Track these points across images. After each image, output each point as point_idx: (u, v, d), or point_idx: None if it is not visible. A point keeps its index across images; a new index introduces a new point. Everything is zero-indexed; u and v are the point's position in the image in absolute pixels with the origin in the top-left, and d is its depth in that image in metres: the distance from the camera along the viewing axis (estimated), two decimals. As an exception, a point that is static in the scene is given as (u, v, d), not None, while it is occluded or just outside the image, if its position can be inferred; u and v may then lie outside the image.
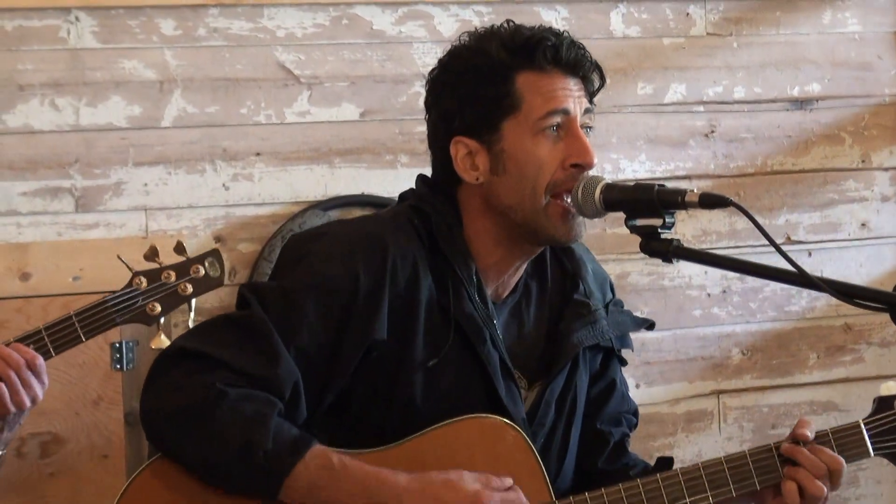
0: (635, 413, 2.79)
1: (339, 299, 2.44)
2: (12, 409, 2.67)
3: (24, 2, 3.53)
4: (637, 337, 2.82)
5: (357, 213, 3.69)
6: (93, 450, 3.51)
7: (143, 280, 2.72)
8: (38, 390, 2.69)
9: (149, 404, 2.45)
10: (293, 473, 2.37)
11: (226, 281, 3.57)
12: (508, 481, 2.42)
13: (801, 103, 4.19)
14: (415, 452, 2.46)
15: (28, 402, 2.68)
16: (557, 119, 2.51)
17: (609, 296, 2.72)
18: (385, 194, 3.76)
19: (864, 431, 2.52)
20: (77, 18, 3.58)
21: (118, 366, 3.52)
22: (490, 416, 2.48)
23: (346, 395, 2.49)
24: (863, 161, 4.23)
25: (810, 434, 2.50)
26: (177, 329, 3.32)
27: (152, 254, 2.73)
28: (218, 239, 3.16)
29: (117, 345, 3.50)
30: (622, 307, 2.74)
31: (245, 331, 2.44)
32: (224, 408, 2.37)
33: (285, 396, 2.42)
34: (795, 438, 2.50)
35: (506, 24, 2.59)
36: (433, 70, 2.62)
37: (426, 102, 2.63)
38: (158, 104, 3.64)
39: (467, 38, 2.59)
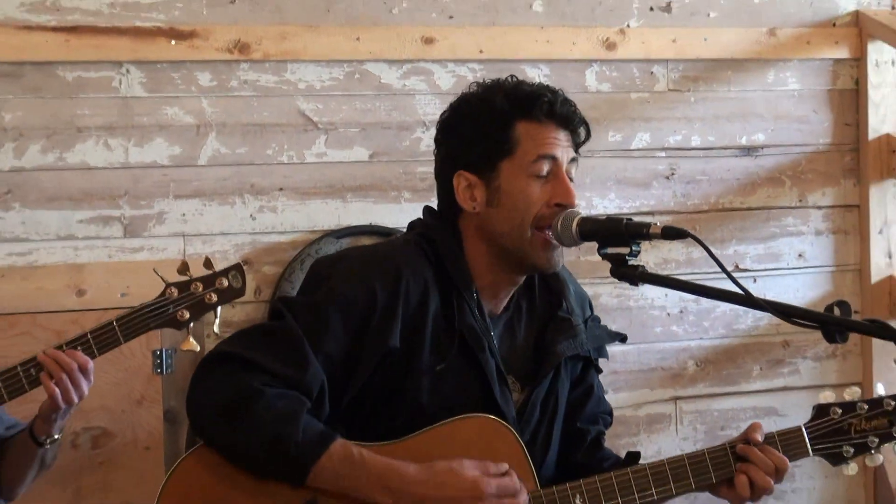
0: (610, 414, 2.77)
1: (360, 313, 2.44)
2: (62, 406, 2.68)
3: (82, 56, 3.52)
4: (611, 350, 2.80)
5: (366, 241, 3.68)
6: (136, 443, 3.51)
7: (175, 290, 2.69)
8: (86, 389, 2.68)
9: (194, 400, 2.45)
10: (319, 463, 2.36)
11: (251, 298, 3.65)
12: (504, 466, 2.42)
13: (749, 150, 4.19)
14: (420, 446, 2.44)
15: (76, 400, 2.68)
16: (547, 164, 2.51)
17: (588, 312, 2.71)
18: (390, 225, 3.74)
19: (805, 435, 2.50)
20: (127, 71, 3.59)
21: (159, 370, 3.53)
22: (486, 415, 2.47)
23: (363, 395, 2.48)
24: (800, 201, 4.23)
25: (760, 437, 2.49)
26: (209, 339, 3.32)
27: (183, 268, 2.71)
28: (245, 262, 3.18)
29: (158, 352, 3.51)
30: (599, 322, 2.73)
31: (279, 339, 2.43)
32: (260, 405, 2.37)
33: (313, 396, 2.42)
34: (748, 439, 2.50)
35: (510, 79, 2.60)
36: (444, 112, 2.63)
37: (436, 139, 2.64)
38: (195, 145, 3.65)
39: (476, 88, 2.61)
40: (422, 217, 2.66)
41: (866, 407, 2.50)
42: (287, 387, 2.41)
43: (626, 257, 2.43)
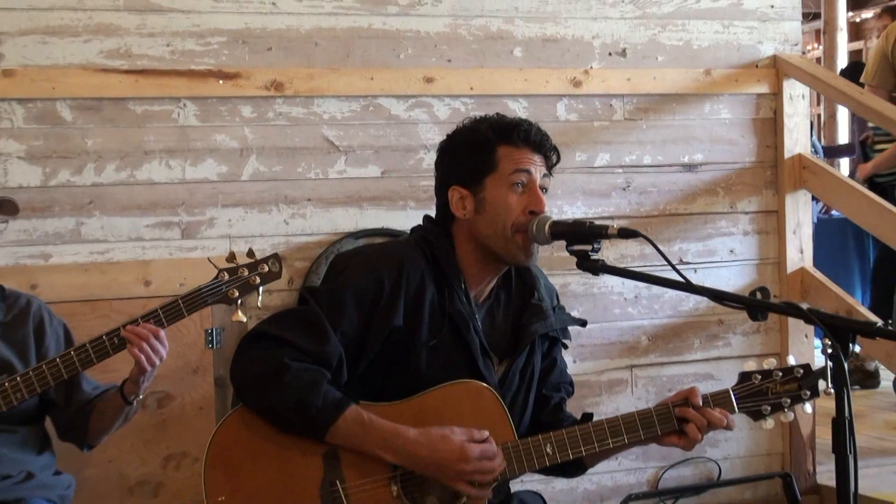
0: (571, 384, 2.77)
1: (370, 298, 2.46)
2: (148, 367, 2.74)
3: (148, 93, 3.53)
4: (575, 329, 2.81)
5: (378, 240, 3.67)
6: (192, 403, 3.54)
7: (226, 274, 2.76)
8: (163, 352, 2.75)
9: (236, 370, 2.46)
10: (335, 424, 2.38)
11: (285, 286, 3.65)
12: (485, 433, 2.43)
13: (690, 167, 4.17)
14: (420, 406, 2.46)
15: (157, 361, 2.76)
16: (522, 177, 2.52)
17: (555, 302, 2.71)
18: (398, 228, 3.73)
19: (732, 396, 2.51)
20: (184, 105, 3.58)
21: (210, 345, 3.54)
22: (472, 380, 2.50)
23: (374, 364, 2.50)
24: (731, 207, 4.22)
25: (699, 398, 2.50)
26: (251, 320, 3.35)
27: (231, 257, 2.78)
28: (283, 258, 3.19)
29: (209, 330, 3.52)
30: (564, 310, 2.74)
31: (305, 320, 2.45)
32: (289, 376, 2.38)
33: (332, 367, 2.44)
34: (686, 399, 2.50)
35: (494, 114, 2.62)
36: (442, 141, 2.65)
37: (436, 162, 2.65)
38: (239, 165, 3.65)
39: (467, 121, 2.62)
40: (422, 223, 2.67)
41: (780, 374, 2.51)
42: (311, 360, 2.42)
43: (590, 253, 2.44)
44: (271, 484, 2.40)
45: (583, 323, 2.80)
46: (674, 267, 2.38)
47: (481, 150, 2.54)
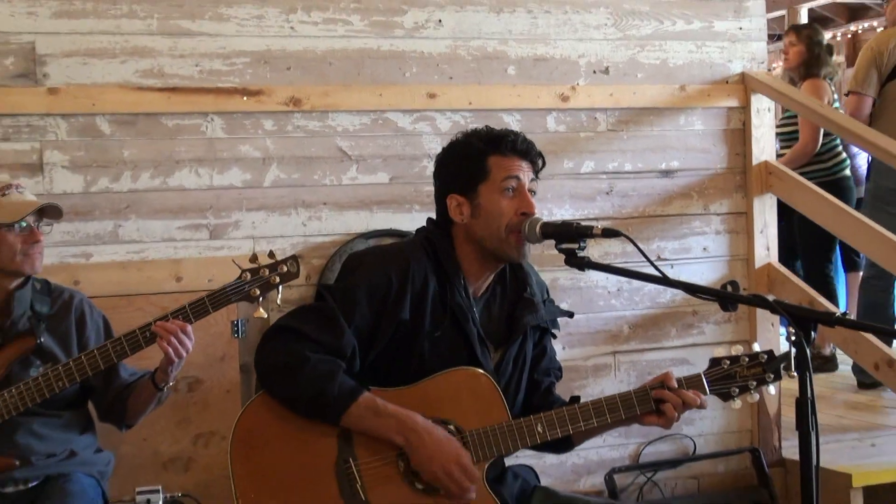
0: (559, 369, 2.77)
1: (379, 294, 2.46)
2: (175, 359, 2.76)
3: (179, 108, 3.53)
4: (563, 319, 2.81)
5: (387, 240, 3.67)
6: (220, 387, 3.53)
7: (248, 274, 2.75)
8: (189, 345, 2.76)
9: (260, 360, 2.46)
10: (349, 411, 2.39)
11: (303, 282, 3.64)
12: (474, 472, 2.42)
13: (667, 173, 4.16)
14: (424, 390, 2.47)
15: (184, 354, 2.77)
16: (512, 183, 2.52)
17: (545, 296, 2.72)
18: (404, 229, 3.73)
19: (704, 379, 2.51)
20: (212, 119, 3.58)
21: (236, 335, 3.53)
22: (472, 367, 2.50)
23: (382, 354, 2.50)
24: (704, 209, 4.20)
25: (674, 381, 2.50)
26: (273, 313, 3.35)
27: (254, 258, 2.77)
28: (299, 256, 3.17)
29: (235, 322, 3.52)
30: (553, 303, 2.75)
31: (321, 315, 2.45)
32: (307, 367, 2.38)
33: (346, 356, 2.44)
34: (663, 382, 2.51)
35: (483, 128, 2.62)
36: (438, 154, 2.65)
37: (434, 173, 2.65)
38: (262, 173, 3.64)
39: (460, 136, 2.62)
40: (425, 225, 2.67)
41: (747, 359, 2.51)
42: (327, 352, 2.42)
43: (576, 251, 2.44)
44: (290, 461, 2.40)
45: (570, 315, 2.81)
46: (652, 263, 2.39)
47: (474, 161, 2.54)
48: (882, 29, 5.45)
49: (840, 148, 5.64)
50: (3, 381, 2.80)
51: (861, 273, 5.36)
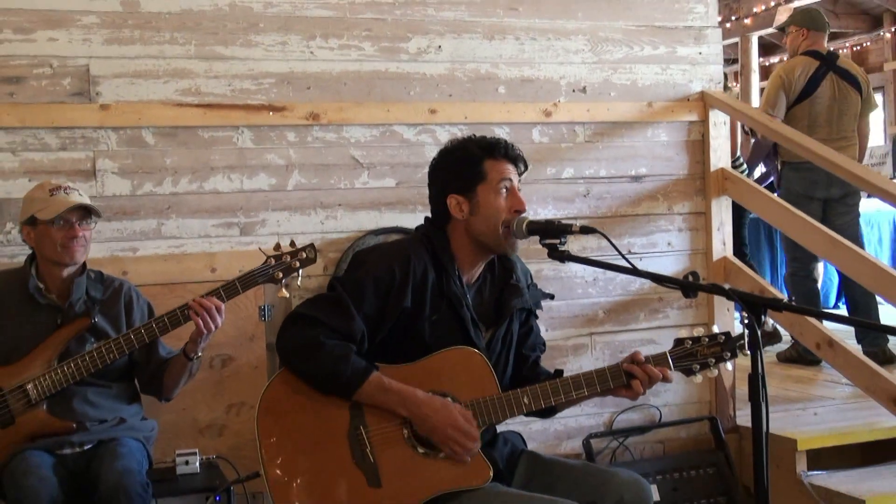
0: (544, 344, 2.75)
1: (385, 285, 2.44)
2: (204, 331, 2.78)
3: (213, 122, 3.49)
4: (546, 304, 2.77)
5: (394, 236, 3.66)
6: (248, 364, 3.51)
7: (272, 260, 2.78)
8: (219, 321, 2.79)
9: (281, 343, 2.43)
10: (361, 388, 2.37)
11: (321, 272, 3.63)
12: (475, 426, 2.40)
13: (636, 178, 4.12)
14: (424, 367, 2.45)
15: (213, 328, 2.79)
16: (506, 184, 2.51)
17: (529, 281, 2.70)
18: (409, 226, 3.60)
19: (669, 357, 2.47)
20: (242, 132, 3.55)
21: (262, 318, 3.50)
22: (466, 347, 2.48)
23: (389, 336, 2.48)
24: (669, 210, 4.17)
25: (643, 359, 2.47)
26: (294, 296, 3.36)
27: (277, 247, 2.81)
28: (318, 250, 3.17)
29: (262, 306, 3.48)
30: (536, 287, 2.72)
31: (334, 304, 2.42)
32: (324, 350, 2.36)
33: (357, 341, 2.42)
34: (633, 360, 2.48)
35: (474, 136, 2.61)
36: (434, 159, 2.61)
37: (430, 177, 2.61)
38: (285, 178, 3.60)
39: (455, 142, 2.60)
40: (423, 223, 2.63)
41: (707, 340, 2.48)
42: (340, 336, 2.40)
43: (558, 245, 2.44)
44: (309, 428, 2.39)
45: (551, 296, 2.79)
46: (623, 256, 2.41)
47: (472, 165, 2.51)
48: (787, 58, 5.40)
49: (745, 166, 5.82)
50: (63, 355, 2.83)
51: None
